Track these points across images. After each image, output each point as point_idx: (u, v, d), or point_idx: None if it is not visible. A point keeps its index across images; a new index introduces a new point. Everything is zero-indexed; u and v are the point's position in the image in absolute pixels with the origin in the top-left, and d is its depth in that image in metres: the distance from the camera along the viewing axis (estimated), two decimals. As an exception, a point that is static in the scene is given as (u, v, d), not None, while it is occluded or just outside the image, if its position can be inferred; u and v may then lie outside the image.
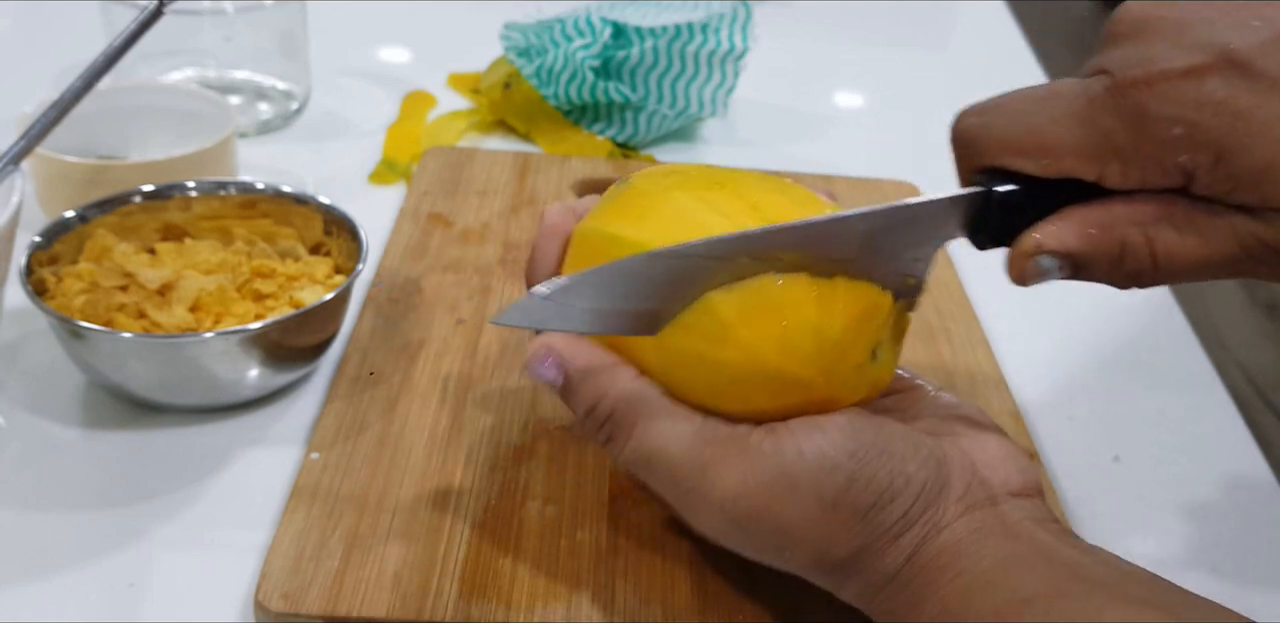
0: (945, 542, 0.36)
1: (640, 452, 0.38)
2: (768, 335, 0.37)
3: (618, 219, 0.40)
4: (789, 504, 0.36)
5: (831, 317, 0.37)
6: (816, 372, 0.37)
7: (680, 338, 0.37)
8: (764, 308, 0.37)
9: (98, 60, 0.49)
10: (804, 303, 0.37)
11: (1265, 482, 0.54)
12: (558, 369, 0.38)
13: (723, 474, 0.36)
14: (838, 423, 0.37)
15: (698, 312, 0.37)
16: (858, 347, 0.38)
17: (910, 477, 0.36)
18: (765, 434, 0.37)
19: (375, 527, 0.45)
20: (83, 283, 0.51)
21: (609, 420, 0.38)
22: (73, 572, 0.44)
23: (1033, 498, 0.38)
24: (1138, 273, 0.37)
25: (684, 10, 0.76)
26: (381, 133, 0.76)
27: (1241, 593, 0.49)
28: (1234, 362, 0.70)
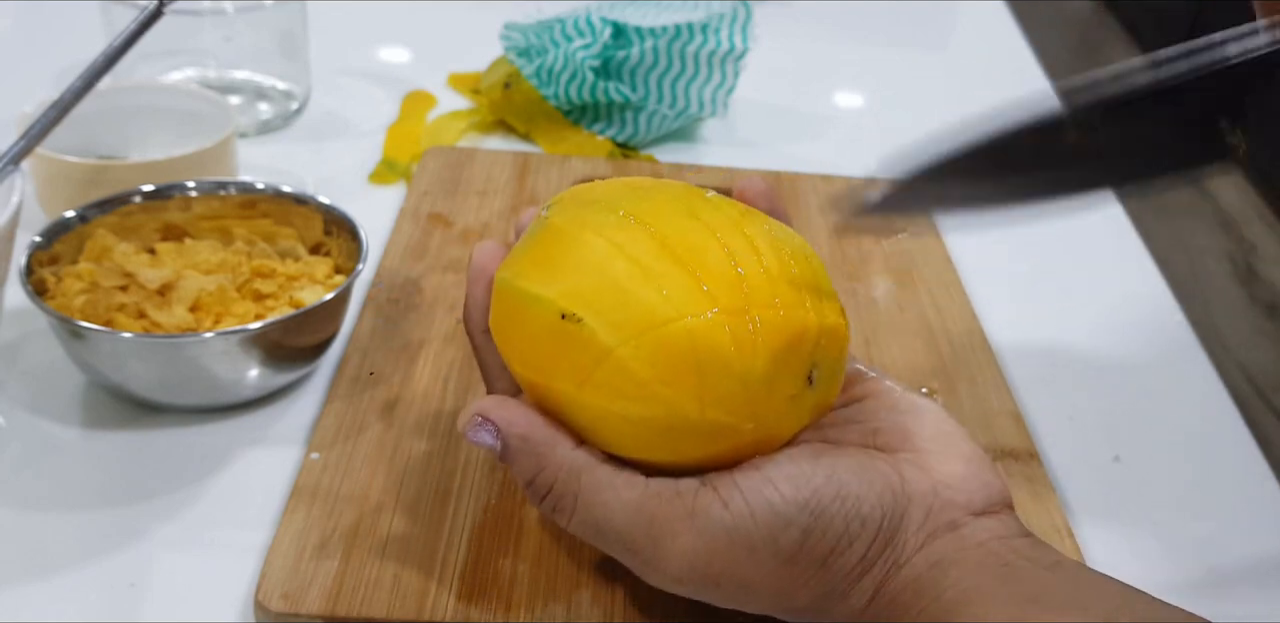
0: (906, 578, 0.36)
1: (587, 524, 0.37)
2: (685, 388, 0.35)
3: (530, 269, 0.38)
4: (745, 565, 0.36)
5: (751, 358, 0.35)
6: (745, 417, 0.36)
7: (600, 398, 0.36)
8: (677, 360, 0.35)
9: (98, 60, 0.49)
10: (719, 348, 0.35)
11: (1265, 482, 0.54)
12: (493, 436, 0.37)
13: (674, 547, 0.36)
14: (786, 472, 0.36)
15: (611, 370, 0.36)
16: (789, 378, 0.36)
17: (866, 519, 0.36)
18: (712, 495, 0.36)
19: (375, 527, 0.45)
20: (83, 283, 0.51)
21: (550, 493, 0.37)
22: (73, 572, 0.44)
23: (998, 514, 0.37)
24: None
25: (684, 10, 0.76)
26: (381, 133, 0.76)
27: (1241, 593, 0.49)
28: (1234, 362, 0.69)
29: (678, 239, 0.37)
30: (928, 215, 0.39)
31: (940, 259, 0.66)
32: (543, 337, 0.37)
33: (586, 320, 0.36)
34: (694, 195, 0.40)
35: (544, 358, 0.37)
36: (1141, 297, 0.67)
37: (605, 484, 0.36)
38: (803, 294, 0.37)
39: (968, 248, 0.68)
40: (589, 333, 0.36)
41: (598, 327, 0.36)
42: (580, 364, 0.36)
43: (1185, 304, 0.67)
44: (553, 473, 0.37)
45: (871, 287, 0.63)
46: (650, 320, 0.35)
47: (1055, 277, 0.68)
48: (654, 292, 0.36)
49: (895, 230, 0.68)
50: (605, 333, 0.35)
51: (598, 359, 0.36)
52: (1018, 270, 0.68)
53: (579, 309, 0.36)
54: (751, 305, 0.36)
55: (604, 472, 0.37)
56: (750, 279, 0.36)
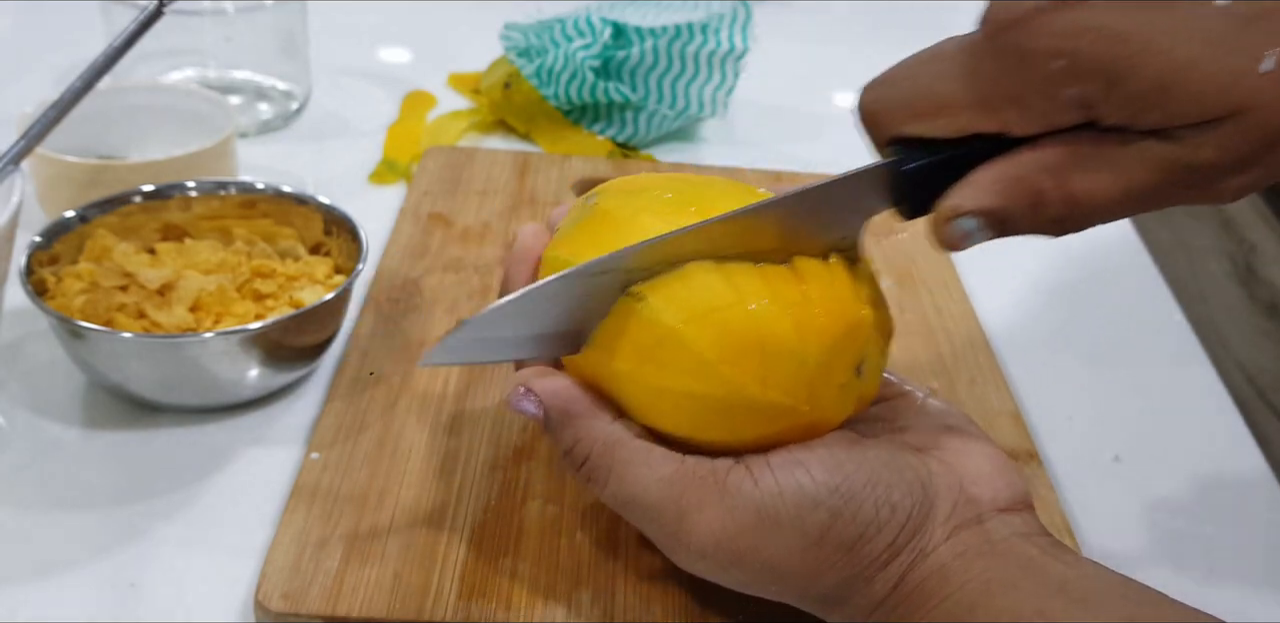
0: (931, 567, 0.36)
1: (619, 496, 0.37)
2: (748, 369, 0.36)
3: (587, 249, 0.38)
4: (772, 544, 0.36)
5: (811, 343, 0.36)
6: (802, 399, 0.37)
7: (658, 375, 0.36)
8: (742, 341, 0.36)
9: (98, 60, 0.49)
10: (782, 332, 0.36)
11: (1265, 482, 0.54)
12: (536, 406, 0.38)
13: (701, 521, 0.36)
14: (818, 456, 0.36)
15: (672, 347, 0.36)
16: (841, 367, 0.37)
17: (895, 506, 0.36)
18: (743, 473, 0.36)
19: (375, 527, 0.45)
20: (83, 283, 0.51)
21: (586, 463, 0.38)
22: (73, 572, 0.44)
23: (1021, 512, 0.38)
24: (1060, 218, 0.36)
25: (684, 10, 0.76)
26: (381, 133, 0.76)
27: (1241, 593, 0.49)
28: (1234, 362, 0.69)
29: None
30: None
31: (940, 259, 0.66)
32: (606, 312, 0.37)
33: (650, 299, 0.36)
34: (743, 188, 0.40)
35: (604, 335, 0.37)
36: (1141, 297, 0.67)
37: (640, 458, 0.37)
38: (851, 288, 0.38)
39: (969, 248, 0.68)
40: (652, 311, 0.36)
41: (662, 306, 0.36)
42: (641, 342, 0.37)
43: (1185, 304, 0.67)
44: (589, 444, 0.38)
45: (871, 287, 0.63)
46: (714, 303, 0.36)
47: (1055, 277, 0.68)
48: (717, 275, 0.36)
49: (895, 230, 0.68)
50: (669, 312, 0.36)
51: (660, 337, 0.36)
52: (1018, 270, 0.68)
53: (644, 289, 0.36)
54: (810, 294, 0.37)
55: (639, 446, 0.37)
56: (808, 270, 0.37)
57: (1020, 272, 0.68)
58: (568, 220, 0.41)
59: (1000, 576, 0.35)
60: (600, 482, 0.38)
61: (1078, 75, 0.33)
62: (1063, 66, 0.33)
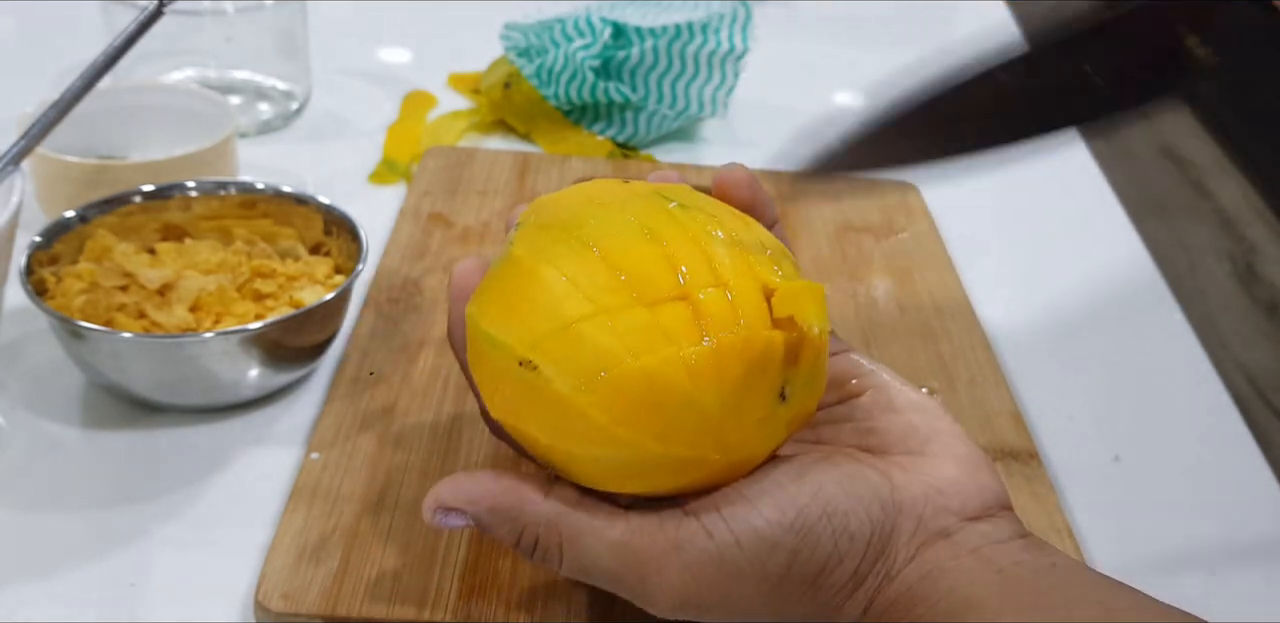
0: (898, 589, 0.36)
1: (576, 568, 0.37)
2: (646, 428, 0.35)
3: (492, 308, 0.37)
4: (735, 591, 0.35)
5: (709, 390, 0.34)
6: (710, 449, 0.35)
7: (564, 442, 0.36)
8: (635, 401, 0.34)
9: (98, 60, 0.49)
10: (675, 384, 0.34)
11: (1265, 482, 0.54)
12: (461, 518, 0.37)
13: (663, 582, 0.35)
14: (768, 493, 0.36)
15: (569, 416, 0.35)
16: (754, 404, 0.35)
17: (854, 535, 0.35)
18: (695, 525, 0.35)
19: (375, 527, 0.45)
20: (83, 283, 0.51)
21: (537, 547, 0.37)
22: (73, 572, 0.44)
23: (993, 518, 0.37)
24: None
25: (684, 10, 0.76)
26: (381, 133, 0.76)
27: (1240, 594, 0.49)
28: (1234, 362, 0.69)
29: (634, 268, 0.36)
30: (882, 171, 0.38)
31: (940, 259, 0.66)
32: (507, 381, 0.36)
33: (542, 368, 0.35)
34: (658, 209, 0.38)
35: (511, 401, 0.37)
36: (1141, 297, 0.67)
37: (586, 529, 0.36)
38: (766, 310, 0.36)
39: (968, 250, 0.68)
40: (544, 381, 0.35)
41: (553, 374, 0.35)
42: (541, 411, 0.36)
43: (1185, 304, 0.67)
44: (533, 530, 0.37)
45: (871, 287, 0.63)
46: (604, 363, 0.34)
47: (1055, 277, 0.68)
48: (607, 332, 0.35)
49: (895, 230, 0.68)
50: (560, 380, 0.35)
51: (556, 406, 0.35)
52: (1017, 270, 0.68)
53: (535, 356, 0.35)
54: (711, 332, 0.35)
55: (579, 517, 0.36)
56: (709, 305, 0.35)
57: (1020, 272, 0.68)
58: (494, 261, 0.40)
59: (967, 594, 0.35)
60: (555, 560, 0.37)
61: None
62: None
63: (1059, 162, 0.80)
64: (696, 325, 0.35)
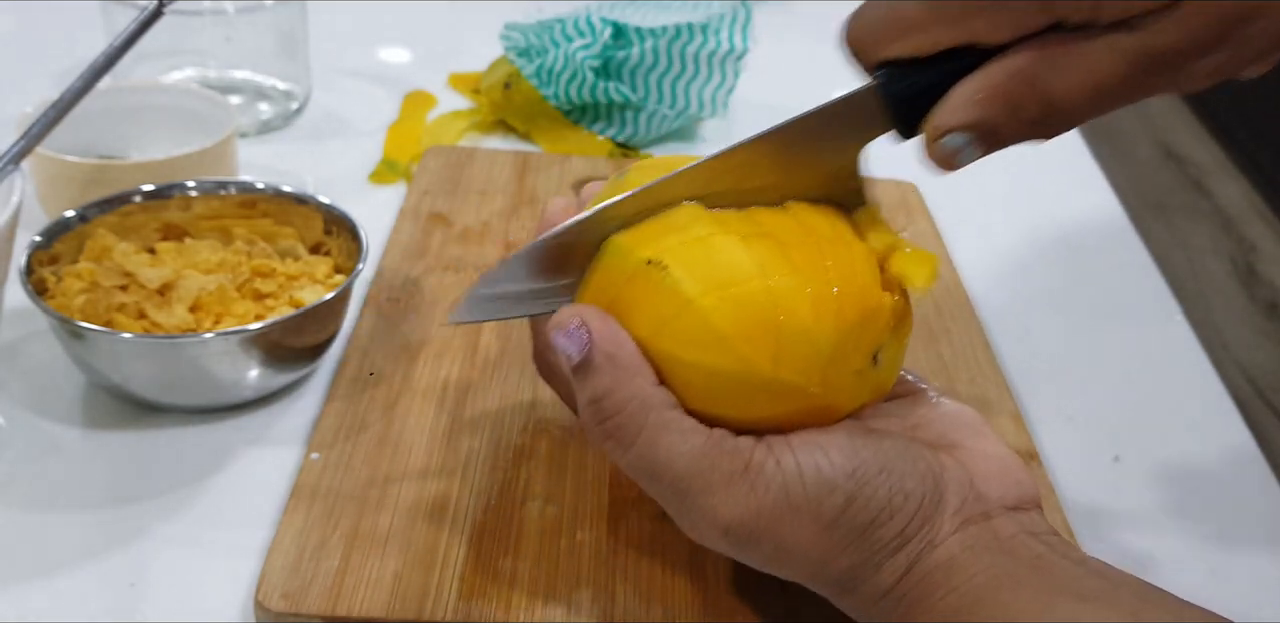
0: (939, 558, 0.36)
1: (644, 460, 0.37)
2: (763, 346, 0.36)
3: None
4: (788, 526, 0.36)
5: (827, 325, 0.36)
6: (815, 381, 0.37)
7: (675, 346, 0.37)
8: (759, 318, 0.36)
9: (98, 60, 0.49)
10: (799, 312, 0.36)
11: (1265, 482, 0.54)
12: (580, 345, 0.37)
13: (725, 499, 0.36)
14: (837, 441, 0.37)
15: (689, 319, 0.36)
16: (857, 352, 0.37)
17: (908, 493, 0.36)
18: (767, 453, 0.36)
19: (375, 527, 0.45)
20: (83, 283, 0.51)
21: (614, 418, 0.37)
22: (73, 572, 0.44)
23: (1029, 511, 0.38)
24: (1039, 121, 0.37)
25: (684, 11, 0.76)
26: (381, 133, 0.76)
27: (1241, 594, 0.49)
28: (1234, 362, 0.69)
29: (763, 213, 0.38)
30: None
31: (940, 259, 0.66)
32: (622, 282, 0.37)
33: (671, 269, 0.36)
34: None
35: (622, 303, 0.37)
36: (1141, 297, 0.67)
37: (674, 426, 0.37)
38: (878, 276, 0.38)
39: (968, 249, 0.68)
40: (672, 282, 0.36)
41: (682, 276, 0.36)
42: (659, 311, 0.37)
43: (1185, 304, 0.67)
44: (624, 399, 0.37)
45: (871, 287, 0.63)
46: (734, 277, 0.36)
47: (1055, 276, 0.68)
48: (742, 250, 0.36)
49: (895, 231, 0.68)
50: (689, 283, 0.36)
51: (679, 308, 0.36)
52: (1018, 270, 0.68)
53: (666, 258, 0.37)
54: (832, 277, 0.37)
55: (675, 415, 0.37)
56: (834, 253, 0.37)
57: (1020, 271, 0.68)
58: (600, 196, 0.41)
59: (1007, 571, 0.35)
60: (626, 442, 0.37)
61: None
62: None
63: (1059, 162, 0.80)
64: (822, 268, 0.37)
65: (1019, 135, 0.37)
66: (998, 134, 0.37)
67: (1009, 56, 0.36)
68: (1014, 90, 0.36)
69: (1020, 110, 0.36)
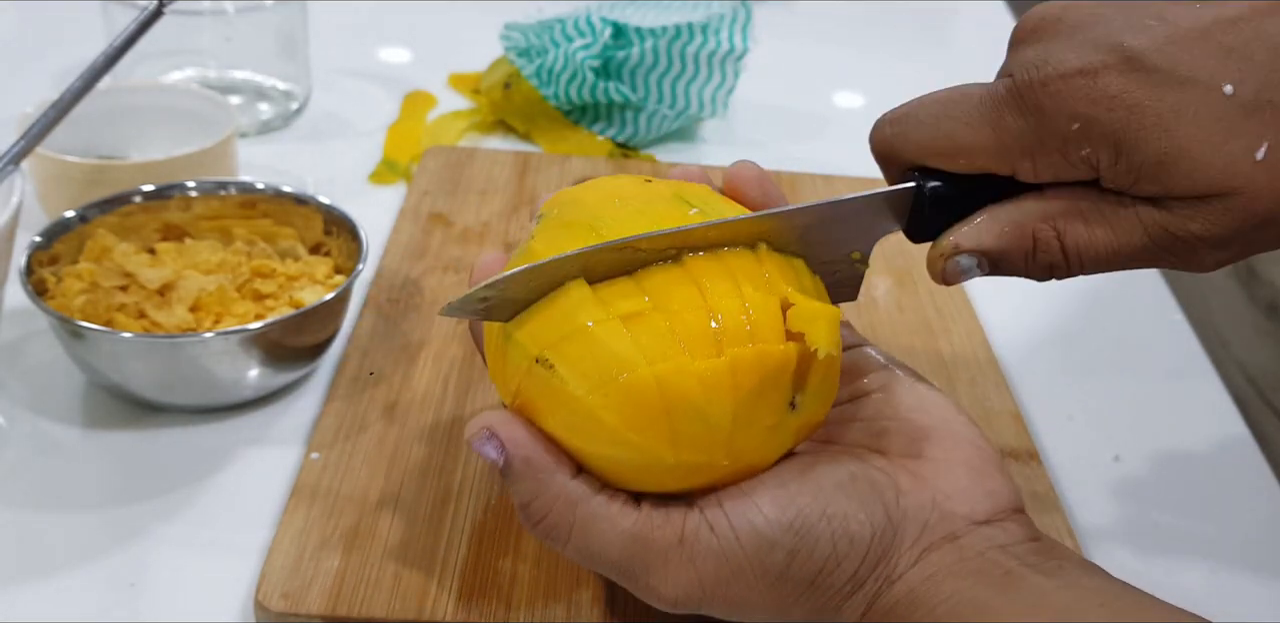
0: (899, 592, 0.36)
1: (582, 552, 0.37)
2: (658, 434, 0.35)
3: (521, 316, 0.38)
4: (735, 588, 0.36)
5: (723, 400, 0.35)
6: (720, 455, 0.36)
7: (576, 440, 0.36)
8: (647, 407, 0.35)
9: (98, 60, 0.49)
10: (687, 394, 0.35)
11: (1265, 482, 0.54)
12: (498, 452, 0.37)
13: (667, 575, 0.36)
14: (770, 491, 0.36)
15: (582, 416, 0.35)
16: (764, 414, 0.36)
17: (853, 538, 0.36)
18: (699, 521, 0.36)
19: (375, 527, 0.45)
20: (83, 283, 0.51)
21: (545, 519, 0.37)
22: (73, 572, 0.44)
23: (1003, 522, 0.37)
24: (1051, 265, 0.38)
25: (684, 11, 0.76)
26: (381, 133, 0.76)
27: (1241, 593, 0.49)
28: (1234, 362, 0.69)
29: (652, 276, 0.37)
30: None
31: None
32: (524, 377, 0.37)
33: (557, 368, 0.36)
34: (680, 216, 0.38)
35: (528, 397, 0.37)
36: (1141, 297, 0.67)
37: (601, 516, 0.36)
38: (782, 322, 0.36)
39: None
40: (560, 380, 0.35)
41: (568, 375, 0.35)
42: (557, 409, 0.36)
43: (1185, 304, 0.67)
44: (550, 501, 0.37)
45: (871, 287, 0.63)
46: (618, 369, 0.35)
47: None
48: (621, 338, 0.35)
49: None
50: (575, 382, 0.35)
51: (571, 406, 0.36)
52: (1018, 270, 0.68)
53: (551, 355, 0.36)
54: (725, 344, 0.35)
55: (599, 503, 0.37)
56: (726, 315, 0.35)
57: (1020, 272, 0.68)
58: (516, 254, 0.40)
59: (970, 597, 0.34)
60: (561, 540, 0.37)
61: (1090, 139, 0.36)
62: (1078, 129, 0.36)
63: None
64: (712, 335, 0.35)
65: (1025, 271, 0.39)
66: (1007, 265, 0.39)
67: (1044, 199, 0.38)
68: (1040, 233, 0.38)
69: (1037, 252, 0.38)
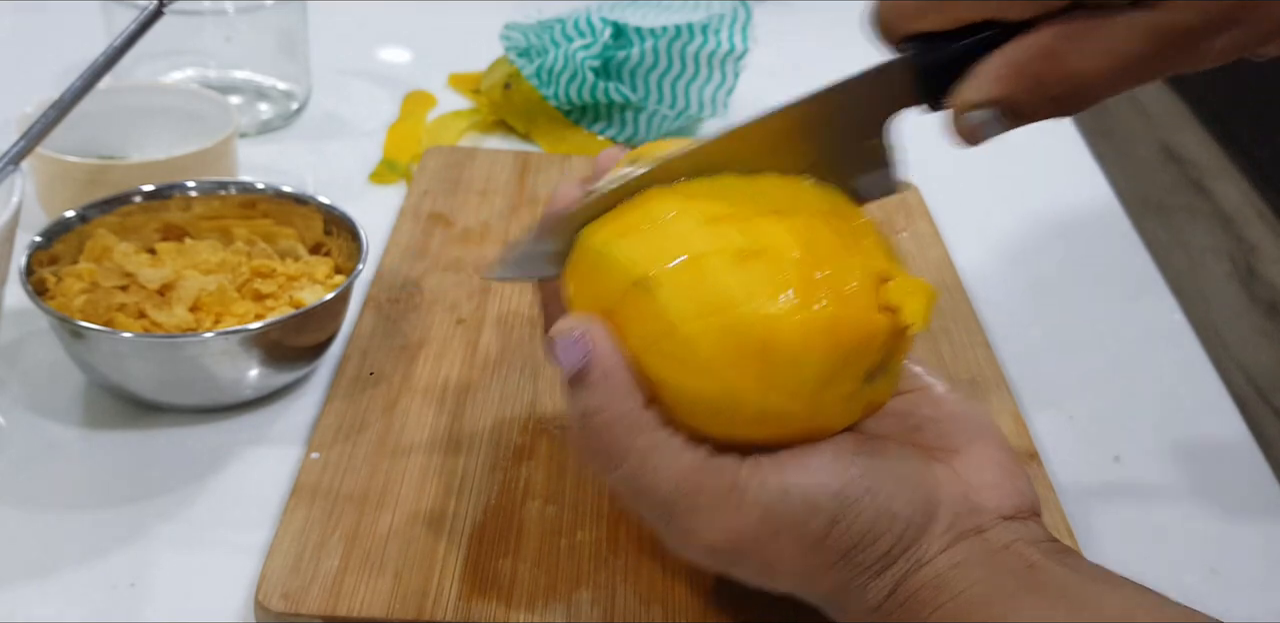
0: (927, 576, 0.36)
1: (630, 480, 0.37)
2: (749, 372, 0.35)
3: (610, 225, 0.38)
4: (772, 546, 0.36)
5: (817, 352, 0.35)
6: (802, 407, 0.36)
7: (662, 365, 0.36)
8: (746, 344, 0.35)
9: (98, 60, 0.49)
10: (788, 338, 0.35)
11: (1265, 482, 0.54)
12: (580, 358, 0.36)
13: (710, 520, 0.36)
14: (825, 459, 0.36)
15: (676, 343, 0.36)
16: (849, 377, 0.36)
17: (895, 516, 0.36)
18: (752, 473, 0.36)
19: (375, 527, 0.45)
20: (83, 283, 0.51)
21: (601, 435, 0.37)
22: (73, 572, 0.44)
23: (1026, 520, 0.38)
24: (1063, 96, 0.37)
25: (684, 11, 0.76)
26: (382, 133, 0.76)
27: (1241, 594, 0.49)
28: (1234, 362, 0.69)
29: (762, 225, 0.37)
30: None
31: (940, 259, 0.66)
32: (616, 296, 0.37)
33: (662, 290, 0.36)
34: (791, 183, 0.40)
35: (614, 316, 0.37)
36: (1141, 297, 0.67)
37: (662, 448, 0.36)
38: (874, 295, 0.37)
39: (969, 250, 0.68)
40: (662, 304, 0.36)
41: (671, 299, 0.36)
42: (649, 331, 0.36)
43: (1185, 304, 0.67)
44: (614, 419, 0.36)
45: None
46: (723, 302, 0.35)
47: (1055, 277, 0.68)
48: (734, 273, 0.36)
49: (895, 230, 0.68)
50: (678, 306, 0.36)
51: (666, 332, 0.36)
52: (1018, 271, 0.68)
53: (655, 278, 0.36)
54: (828, 299, 0.36)
55: (663, 436, 0.37)
56: (830, 275, 0.36)
57: (1020, 272, 0.68)
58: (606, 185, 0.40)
59: (996, 585, 0.35)
60: (613, 463, 0.37)
61: None
62: None
63: (1059, 162, 0.81)
64: (816, 290, 0.36)
65: (1042, 111, 0.38)
66: (1021, 109, 0.37)
67: (1032, 34, 0.37)
68: (1037, 67, 0.37)
69: (1043, 87, 0.37)
